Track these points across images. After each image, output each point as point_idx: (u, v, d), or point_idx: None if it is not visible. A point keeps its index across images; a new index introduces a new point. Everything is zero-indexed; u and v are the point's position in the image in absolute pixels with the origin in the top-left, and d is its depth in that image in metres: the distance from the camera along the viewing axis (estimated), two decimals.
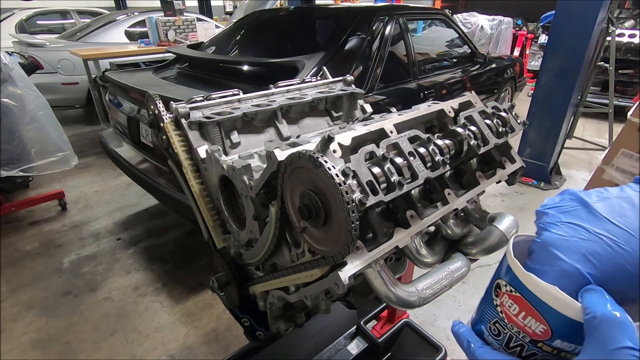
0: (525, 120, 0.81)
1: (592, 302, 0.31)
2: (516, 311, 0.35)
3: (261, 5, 6.47)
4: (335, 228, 0.54)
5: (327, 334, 1.50)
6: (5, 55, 2.42)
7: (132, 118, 2.20)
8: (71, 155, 2.63)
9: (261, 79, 2.16)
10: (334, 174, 0.50)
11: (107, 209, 3.07)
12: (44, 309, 2.08)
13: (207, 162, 0.86)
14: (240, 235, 0.83)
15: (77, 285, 2.25)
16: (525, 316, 0.35)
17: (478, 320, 0.40)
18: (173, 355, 1.80)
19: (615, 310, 0.30)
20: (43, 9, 6.49)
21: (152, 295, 2.17)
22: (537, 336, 0.34)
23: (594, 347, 0.30)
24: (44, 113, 2.50)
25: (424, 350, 1.51)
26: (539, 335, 0.34)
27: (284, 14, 3.17)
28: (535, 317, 0.34)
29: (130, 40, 5.10)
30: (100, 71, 3.57)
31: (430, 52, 3.14)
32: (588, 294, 0.32)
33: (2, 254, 2.51)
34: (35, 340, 1.89)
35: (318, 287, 0.65)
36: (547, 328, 0.34)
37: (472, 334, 0.39)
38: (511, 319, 0.36)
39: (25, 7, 6.28)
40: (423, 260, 0.70)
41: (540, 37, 7.57)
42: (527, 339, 0.35)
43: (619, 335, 0.29)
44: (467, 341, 0.39)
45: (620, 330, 0.29)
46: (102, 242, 2.65)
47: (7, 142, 2.40)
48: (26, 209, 2.99)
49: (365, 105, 1.13)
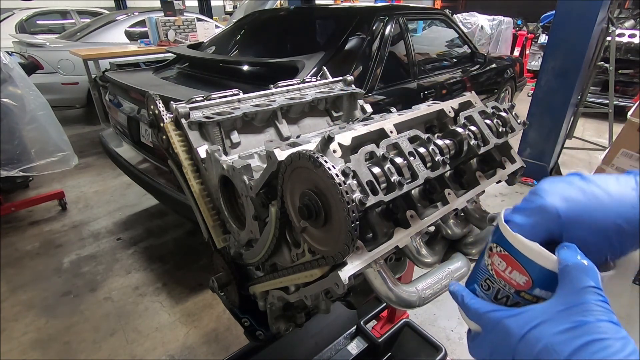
0: (525, 120, 0.81)
1: (565, 255, 0.38)
2: (503, 267, 0.42)
3: (261, 5, 6.47)
4: (335, 228, 0.54)
5: (327, 334, 1.50)
6: (5, 55, 2.43)
7: (132, 118, 2.20)
8: (71, 155, 2.63)
9: (261, 79, 2.16)
10: (334, 174, 0.50)
11: (107, 209, 3.07)
12: (44, 309, 2.08)
13: (207, 162, 0.86)
14: (240, 235, 0.83)
15: (77, 285, 2.25)
16: (511, 271, 0.41)
17: (471, 281, 0.47)
18: (173, 355, 1.80)
19: (583, 260, 0.37)
20: (43, 9, 6.49)
21: (152, 295, 2.17)
22: (520, 287, 0.41)
23: (565, 289, 0.36)
24: (44, 113, 2.50)
25: (424, 350, 1.51)
26: (522, 285, 0.40)
27: (284, 14, 3.17)
28: (519, 271, 0.40)
29: (130, 40, 5.10)
30: (100, 71, 3.57)
31: (430, 52, 3.14)
32: (563, 249, 0.38)
33: (2, 254, 2.51)
34: (35, 340, 1.89)
35: (318, 287, 0.65)
36: (528, 279, 0.40)
37: (466, 290, 0.46)
38: (499, 274, 0.42)
39: (25, 7, 6.28)
40: (423, 260, 0.70)
41: (540, 37, 7.57)
42: (512, 290, 0.41)
43: (585, 278, 0.36)
44: (461, 295, 0.45)
45: (586, 274, 0.36)
46: (102, 242, 2.65)
47: (7, 142, 2.40)
48: (26, 209, 2.99)
49: (365, 105, 1.13)
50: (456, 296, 0.46)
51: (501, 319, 0.39)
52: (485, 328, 0.41)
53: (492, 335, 0.40)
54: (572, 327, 0.34)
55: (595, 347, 0.32)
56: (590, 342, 0.33)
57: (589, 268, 0.36)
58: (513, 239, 0.41)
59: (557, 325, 0.35)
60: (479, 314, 0.42)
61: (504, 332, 0.38)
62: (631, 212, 0.39)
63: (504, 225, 0.42)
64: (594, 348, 0.32)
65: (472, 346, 0.44)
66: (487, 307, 0.42)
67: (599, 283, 0.36)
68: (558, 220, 0.40)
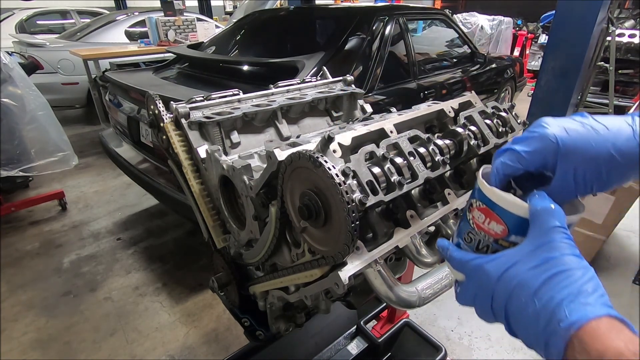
0: (525, 120, 0.81)
1: (535, 201, 0.41)
2: (482, 219, 0.46)
3: (261, 5, 6.47)
4: (335, 228, 0.54)
5: (327, 334, 1.50)
6: (5, 55, 2.42)
7: (132, 118, 2.20)
8: (71, 155, 2.63)
9: (261, 79, 2.16)
10: (334, 173, 0.50)
11: (107, 209, 3.07)
12: (44, 309, 2.08)
13: (207, 162, 0.86)
14: (240, 235, 0.83)
15: (77, 285, 2.25)
16: (489, 222, 0.45)
17: (456, 236, 0.51)
18: (173, 355, 1.80)
19: (551, 204, 0.40)
20: (43, 9, 6.49)
21: (152, 295, 2.17)
22: (498, 235, 0.45)
23: (535, 231, 0.40)
24: (44, 113, 2.50)
25: (424, 350, 1.51)
26: (499, 234, 0.44)
27: (284, 14, 3.17)
28: (496, 221, 0.44)
29: (130, 40, 5.10)
30: (100, 71, 3.57)
31: (430, 52, 3.14)
32: (533, 197, 0.42)
33: (2, 254, 2.51)
34: (35, 340, 1.89)
35: (318, 287, 0.65)
36: (504, 228, 0.44)
37: (451, 244, 0.50)
38: (479, 227, 0.46)
39: (25, 7, 6.28)
40: (423, 260, 0.70)
41: (540, 37, 7.57)
42: (491, 240, 0.45)
43: (552, 219, 0.39)
44: (447, 249, 0.49)
45: (553, 215, 0.40)
46: (102, 242, 2.65)
47: (7, 142, 2.40)
48: (26, 209, 2.99)
49: (365, 105, 1.13)
50: (443, 250, 0.50)
51: (481, 265, 0.43)
52: (468, 275, 0.45)
53: (474, 280, 0.44)
54: (540, 263, 0.38)
55: (560, 277, 0.37)
56: (556, 274, 0.37)
57: (556, 211, 0.40)
58: (490, 193, 0.44)
59: (528, 263, 0.39)
60: (462, 263, 0.46)
61: (484, 275, 0.42)
62: (625, 144, 0.42)
63: (482, 181, 0.46)
64: (559, 278, 0.37)
65: (459, 294, 0.48)
66: (469, 257, 0.45)
67: (565, 223, 0.40)
68: (556, 149, 0.43)
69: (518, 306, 0.39)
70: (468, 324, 1.95)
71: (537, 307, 0.37)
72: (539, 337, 0.37)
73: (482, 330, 1.92)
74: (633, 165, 0.42)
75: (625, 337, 0.33)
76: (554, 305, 0.36)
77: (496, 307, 0.41)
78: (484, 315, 0.45)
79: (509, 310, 0.40)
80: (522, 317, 0.38)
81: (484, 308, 0.43)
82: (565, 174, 0.43)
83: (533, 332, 0.37)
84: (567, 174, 0.43)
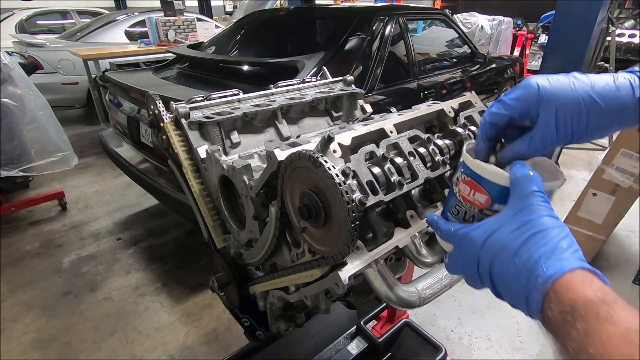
0: None
1: (515, 170, 0.44)
2: (467, 191, 0.48)
3: (261, 5, 6.47)
4: (335, 228, 0.54)
5: (327, 334, 1.50)
6: (5, 55, 2.42)
7: (132, 118, 2.20)
8: (71, 155, 2.63)
9: (261, 79, 2.16)
10: (334, 173, 0.50)
11: (107, 209, 3.07)
12: (44, 309, 2.08)
13: (207, 162, 0.86)
14: (240, 235, 0.83)
15: (77, 285, 2.25)
16: (474, 193, 0.47)
17: (444, 210, 0.54)
18: (173, 355, 1.80)
19: (530, 171, 0.43)
20: (43, 9, 6.49)
21: (152, 295, 2.17)
22: (482, 205, 0.47)
23: (515, 197, 0.43)
24: (44, 113, 2.50)
25: (424, 350, 1.51)
26: (483, 204, 0.47)
27: (284, 14, 3.17)
28: (480, 192, 0.47)
29: (130, 40, 5.10)
30: (100, 71, 3.57)
31: (430, 52, 3.14)
32: (514, 166, 0.44)
33: (2, 254, 2.51)
34: (35, 340, 1.89)
35: (318, 287, 0.65)
36: (488, 197, 0.46)
37: (440, 217, 0.52)
38: (465, 198, 0.49)
39: (25, 7, 6.28)
40: (423, 260, 0.70)
41: (540, 37, 7.57)
42: (476, 210, 0.48)
43: (530, 185, 0.42)
44: (435, 222, 0.52)
45: (531, 181, 0.42)
46: (102, 242, 2.65)
47: (7, 142, 2.40)
48: (26, 209, 2.99)
49: (365, 105, 1.13)
50: (431, 223, 0.52)
51: (466, 233, 0.45)
52: (455, 244, 0.48)
53: (461, 248, 0.47)
54: (520, 226, 0.40)
55: (538, 236, 0.39)
56: (534, 234, 0.39)
57: (534, 177, 0.43)
58: (474, 165, 0.47)
59: (509, 227, 0.41)
60: (449, 234, 0.49)
61: (469, 243, 0.45)
62: (605, 88, 0.43)
63: (466, 155, 0.49)
64: (537, 237, 0.39)
65: (448, 264, 0.51)
66: (456, 227, 0.48)
67: (542, 188, 0.42)
68: (537, 95, 0.44)
69: (501, 267, 0.41)
70: (468, 324, 1.95)
71: (518, 265, 0.39)
72: (520, 294, 0.39)
73: (482, 330, 1.92)
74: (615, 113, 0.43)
75: (595, 286, 0.35)
76: (533, 262, 0.38)
77: (482, 271, 0.43)
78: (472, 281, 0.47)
79: (493, 272, 0.42)
80: (504, 277, 0.41)
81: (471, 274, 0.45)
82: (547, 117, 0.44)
83: (515, 290, 0.40)
84: (549, 117, 0.44)
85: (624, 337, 0.31)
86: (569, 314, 0.34)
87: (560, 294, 0.36)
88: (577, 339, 0.33)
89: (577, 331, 0.33)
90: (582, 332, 0.33)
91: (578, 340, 0.33)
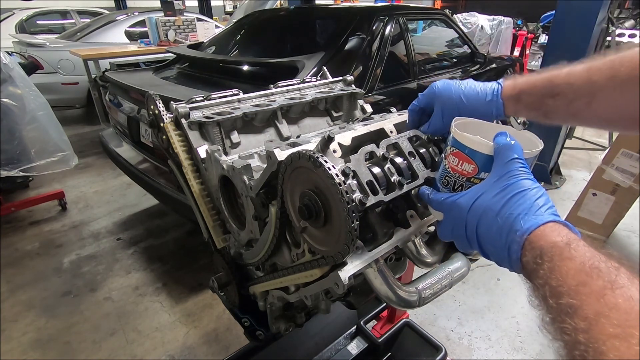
0: (525, 120, 0.81)
1: (498, 140, 0.49)
2: (456, 162, 0.52)
3: (261, 5, 6.47)
4: (335, 228, 0.54)
5: (327, 334, 1.50)
6: (5, 55, 2.42)
7: (132, 118, 2.20)
8: (71, 155, 2.63)
9: (261, 79, 2.16)
10: (334, 174, 0.50)
11: (107, 209, 3.07)
12: (44, 309, 2.08)
13: (207, 162, 0.86)
14: (240, 235, 0.83)
15: (77, 285, 2.25)
16: (462, 163, 0.52)
17: (435, 182, 0.58)
18: (173, 355, 1.80)
19: (511, 140, 0.48)
20: (43, 9, 6.50)
21: (152, 295, 2.17)
22: (469, 174, 0.52)
23: (497, 164, 0.48)
24: (44, 113, 2.50)
25: (424, 350, 1.51)
26: (470, 173, 0.51)
27: (284, 14, 3.17)
28: (467, 162, 0.51)
29: (130, 40, 5.10)
30: (100, 71, 3.57)
31: (430, 52, 3.14)
32: (497, 137, 0.49)
33: (2, 254, 2.51)
34: (35, 340, 1.89)
35: (318, 287, 0.65)
36: (475, 166, 0.51)
37: (431, 189, 0.58)
38: (454, 169, 0.53)
39: (25, 7, 6.28)
40: (423, 260, 0.70)
41: (540, 37, 7.56)
42: (464, 179, 0.52)
43: (511, 152, 0.47)
44: (426, 193, 0.57)
45: (512, 150, 0.47)
46: (102, 242, 2.65)
47: (7, 142, 2.40)
48: (26, 209, 2.99)
49: (365, 105, 1.13)
50: (423, 195, 0.58)
51: (454, 200, 0.50)
52: (445, 212, 0.53)
53: (450, 215, 0.52)
54: (501, 190, 0.46)
55: (518, 197, 0.44)
56: (514, 195, 0.44)
57: (515, 145, 0.48)
58: (461, 137, 0.52)
59: (492, 191, 0.46)
60: (439, 202, 0.53)
61: (457, 209, 0.50)
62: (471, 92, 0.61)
63: (454, 129, 0.53)
64: (516, 198, 0.44)
65: (439, 231, 0.56)
66: (445, 196, 0.53)
67: (522, 155, 0.47)
68: (434, 94, 0.64)
69: (486, 228, 0.46)
70: (468, 324, 1.95)
71: (500, 224, 0.44)
72: (502, 249, 0.44)
73: (482, 330, 1.92)
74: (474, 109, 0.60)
75: (563, 234, 0.41)
76: (512, 219, 0.43)
77: (469, 233, 0.48)
78: (461, 245, 0.52)
79: (479, 233, 0.47)
80: (489, 236, 0.46)
81: (460, 237, 0.50)
82: (437, 109, 0.63)
83: (498, 246, 0.45)
84: (437, 108, 0.63)
85: (579, 269, 0.36)
86: (539, 257, 0.40)
87: (534, 243, 0.41)
88: (543, 276, 0.38)
89: (544, 270, 0.38)
90: (547, 270, 0.38)
91: (544, 277, 0.38)
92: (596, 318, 0.32)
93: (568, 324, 0.34)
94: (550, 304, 0.36)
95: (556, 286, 0.36)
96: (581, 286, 0.35)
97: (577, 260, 0.37)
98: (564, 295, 0.35)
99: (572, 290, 0.35)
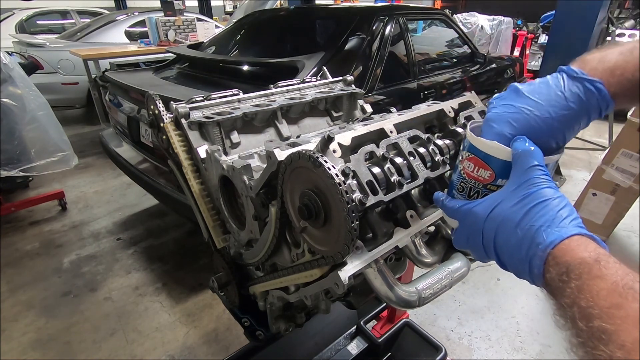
0: None
1: (517, 145, 0.45)
2: (472, 168, 0.50)
3: (261, 5, 6.47)
4: (335, 228, 0.54)
5: (327, 334, 1.50)
6: (5, 55, 2.42)
7: (132, 118, 2.20)
8: (71, 155, 2.63)
9: (261, 79, 2.16)
10: (333, 173, 0.50)
11: (107, 209, 3.07)
12: (44, 309, 2.08)
13: (207, 162, 0.86)
14: (240, 235, 0.83)
15: (77, 285, 2.25)
16: (478, 169, 0.49)
17: (450, 188, 0.55)
18: (173, 355, 1.80)
19: (531, 146, 0.45)
20: (43, 9, 6.49)
21: (152, 295, 2.17)
22: (486, 180, 0.49)
23: (516, 171, 0.45)
24: (44, 113, 2.50)
25: (424, 350, 1.51)
26: (487, 179, 0.49)
27: (284, 14, 3.17)
28: (484, 168, 0.49)
29: (130, 40, 5.10)
30: (100, 71, 3.57)
31: (430, 52, 3.14)
32: (515, 142, 0.46)
33: (2, 254, 2.51)
34: (35, 340, 1.89)
35: (318, 287, 0.65)
36: (492, 172, 0.48)
37: (445, 195, 0.55)
38: (470, 175, 0.50)
39: (25, 7, 6.27)
40: (423, 260, 0.70)
41: (540, 37, 7.56)
42: (481, 186, 0.50)
43: (531, 159, 0.44)
44: (441, 200, 0.54)
45: (532, 156, 0.44)
46: (102, 242, 2.65)
47: (7, 142, 2.40)
48: (26, 209, 2.98)
49: (365, 105, 1.13)
50: (437, 201, 0.55)
51: (470, 209, 0.48)
52: (460, 220, 0.50)
53: (465, 223, 0.49)
54: (521, 199, 0.42)
55: (539, 207, 0.41)
56: (535, 205, 0.41)
57: (535, 151, 0.44)
58: (477, 142, 0.49)
59: (511, 200, 0.43)
60: (454, 210, 0.51)
61: (474, 218, 0.47)
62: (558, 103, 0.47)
63: (470, 134, 0.50)
64: (538, 208, 0.41)
65: (454, 239, 0.53)
66: (461, 203, 0.50)
67: (542, 162, 0.44)
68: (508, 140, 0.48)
69: (504, 238, 0.43)
70: (468, 324, 1.95)
71: (520, 236, 0.41)
72: (523, 262, 0.41)
73: (482, 330, 1.92)
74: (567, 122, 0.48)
75: (590, 249, 0.37)
76: (534, 232, 0.40)
77: (486, 243, 0.46)
78: (477, 254, 0.49)
79: (497, 243, 0.44)
80: (508, 247, 0.43)
81: (477, 247, 0.48)
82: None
83: (518, 259, 0.42)
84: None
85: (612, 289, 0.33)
86: (565, 274, 0.37)
87: (558, 258, 0.38)
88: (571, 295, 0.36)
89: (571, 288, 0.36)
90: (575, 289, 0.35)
91: (571, 296, 0.35)
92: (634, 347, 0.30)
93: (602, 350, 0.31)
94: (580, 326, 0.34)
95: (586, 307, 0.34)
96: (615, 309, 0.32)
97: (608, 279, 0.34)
98: (595, 318, 0.33)
99: (604, 313, 0.32)
